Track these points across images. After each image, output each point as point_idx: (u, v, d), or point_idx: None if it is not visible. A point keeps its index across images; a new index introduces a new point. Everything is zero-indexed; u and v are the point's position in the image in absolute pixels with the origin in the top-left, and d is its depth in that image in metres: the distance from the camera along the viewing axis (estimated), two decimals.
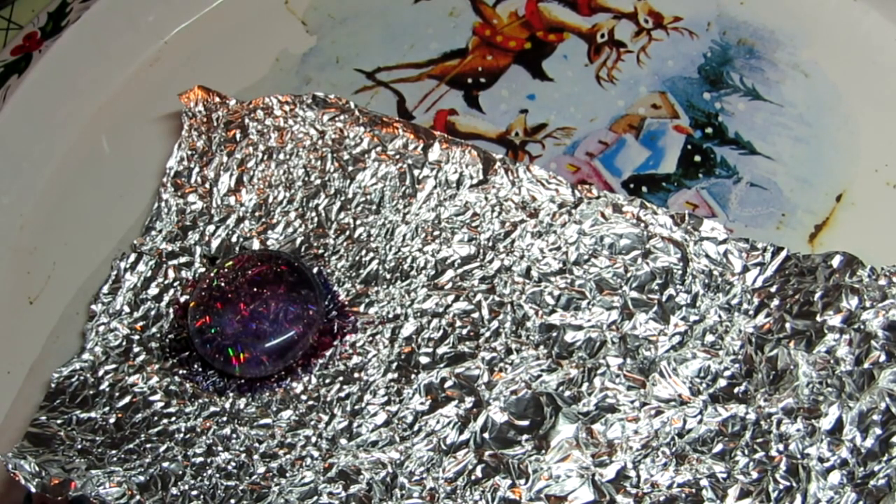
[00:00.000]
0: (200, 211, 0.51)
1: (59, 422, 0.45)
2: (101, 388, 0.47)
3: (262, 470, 0.44)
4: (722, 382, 0.45)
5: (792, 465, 0.42)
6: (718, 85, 0.57)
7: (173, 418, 0.46)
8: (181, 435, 0.45)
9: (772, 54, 0.57)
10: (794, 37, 0.58)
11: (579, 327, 0.46)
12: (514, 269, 0.48)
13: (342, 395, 0.46)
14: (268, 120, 0.52)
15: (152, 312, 0.49)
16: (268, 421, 0.46)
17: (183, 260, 0.50)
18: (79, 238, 0.58)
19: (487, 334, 0.47)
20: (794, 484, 0.42)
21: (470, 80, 0.59)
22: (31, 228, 0.59)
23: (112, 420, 0.46)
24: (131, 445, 0.45)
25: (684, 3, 0.59)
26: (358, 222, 0.50)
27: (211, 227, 0.51)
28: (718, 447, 0.43)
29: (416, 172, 0.50)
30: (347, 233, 0.50)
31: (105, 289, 0.50)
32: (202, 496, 0.43)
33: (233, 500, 0.43)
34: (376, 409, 0.46)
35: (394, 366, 0.47)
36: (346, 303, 0.49)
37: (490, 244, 0.49)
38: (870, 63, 0.56)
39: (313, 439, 0.45)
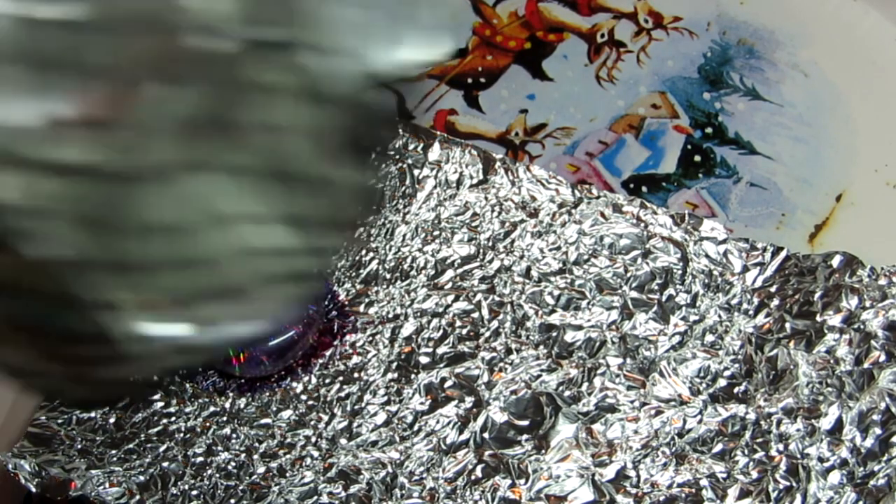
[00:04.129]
0: None
1: (59, 422, 0.45)
2: None
3: (262, 470, 0.44)
4: (722, 382, 0.45)
5: (792, 464, 0.42)
6: (718, 85, 0.57)
7: (173, 418, 0.46)
8: (181, 435, 0.45)
9: (772, 54, 0.57)
10: (794, 37, 0.58)
11: (579, 327, 0.46)
12: (514, 269, 0.48)
13: (342, 394, 0.46)
14: None
15: None
16: (268, 421, 0.46)
17: None
18: None
19: (487, 334, 0.47)
20: (794, 484, 0.42)
21: (470, 80, 0.59)
22: None
23: (112, 420, 0.46)
24: (131, 445, 0.45)
25: (684, 3, 0.59)
26: (358, 222, 0.50)
27: None
28: (718, 447, 0.43)
29: (415, 172, 0.50)
30: None
31: None
32: (202, 496, 0.43)
33: (233, 500, 0.43)
34: (376, 408, 0.46)
35: (394, 366, 0.47)
36: (346, 303, 0.49)
37: (490, 244, 0.49)
38: (870, 63, 0.56)
39: (313, 439, 0.45)
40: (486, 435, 0.44)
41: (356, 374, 0.47)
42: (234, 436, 0.45)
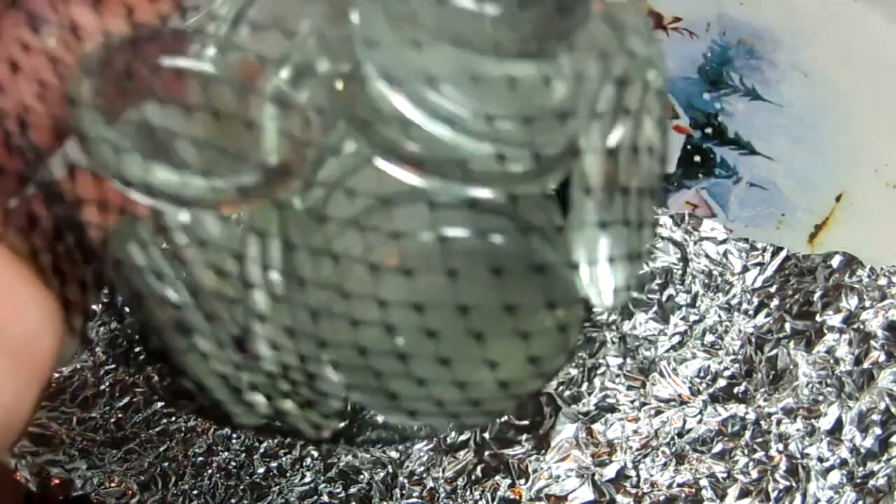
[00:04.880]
0: None
1: (59, 422, 0.45)
2: (102, 388, 0.47)
3: (262, 470, 0.44)
4: (722, 382, 0.45)
5: (792, 464, 0.42)
6: (718, 85, 0.57)
7: (173, 418, 0.46)
8: (181, 435, 0.45)
9: (772, 54, 0.57)
10: (794, 37, 0.58)
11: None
12: None
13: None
14: None
15: None
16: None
17: None
18: None
19: None
20: (794, 484, 0.42)
21: None
22: None
23: (112, 420, 0.46)
24: (131, 445, 0.45)
25: (684, 3, 0.59)
26: None
27: None
28: (718, 447, 0.43)
29: None
30: None
31: (105, 289, 0.50)
32: (202, 496, 0.43)
33: (233, 500, 0.43)
34: None
35: None
36: None
37: None
38: (870, 63, 0.56)
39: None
40: (486, 435, 0.44)
41: None
42: (234, 436, 0.45)
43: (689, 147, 0.55)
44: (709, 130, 0.56)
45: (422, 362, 0.23)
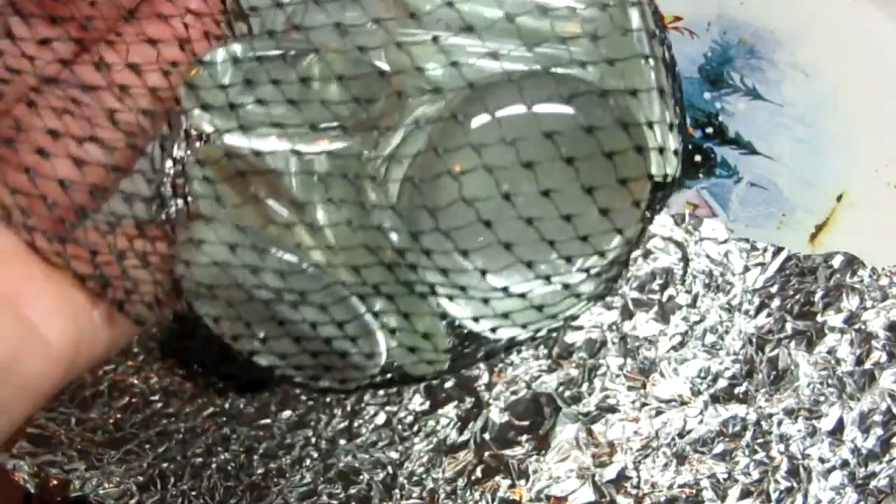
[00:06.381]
0: None
1: (58, 422, 0.45)
2: (101, 388, 0.46)
3: (261, 470, 0.44)
4: (722, 383, 0.45)
5: (793, 465, 0.42)
6: (718, 85, 0.57)
7: (173, 419, 0.46)
8: (180, 435, 0.45)
9: (772, 54, 0.57)
10: (794, 37, 0.57)
11: (579, 327, 0.46)
12: None
13: (342, 395, 0.46)
14: None
15: None
16: (267, 421, 0.46)
17: None
18: None
19: None
20: (795, 484, 0.42)
21: None
22: None
23: (111, 420, 0.45)
24: (131, 446, 0.45)
25: (684, 3, 0.59)
26: None
27: None
28: (719, 447, 0.43)
29: None
30: None
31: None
32: (201, 497, 0.43)
33: (232, 501, 0.43)
34: (376, 409, 0.45)
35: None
36: None
37: None
38: (870, 63, 0.56)
39: (313, 440, 0.45)
40: (486, 435, 0.44)
41: None
42: (233, 436, 0.45)
43: (689, 147, 0.55)
44: (709, 130, 0.56)
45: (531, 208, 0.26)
